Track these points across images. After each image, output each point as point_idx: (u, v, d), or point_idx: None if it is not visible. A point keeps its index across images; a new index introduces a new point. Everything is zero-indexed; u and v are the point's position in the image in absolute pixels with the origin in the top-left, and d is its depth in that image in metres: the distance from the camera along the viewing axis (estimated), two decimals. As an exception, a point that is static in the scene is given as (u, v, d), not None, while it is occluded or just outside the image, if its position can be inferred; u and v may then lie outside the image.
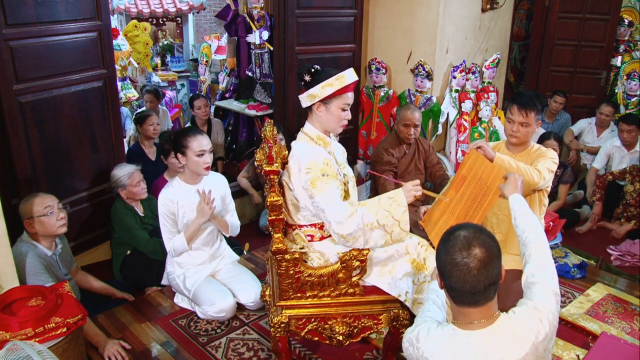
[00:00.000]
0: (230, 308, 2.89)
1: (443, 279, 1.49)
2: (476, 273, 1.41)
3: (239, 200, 4.28)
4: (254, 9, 4.56)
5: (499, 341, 1.43)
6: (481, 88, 4.81)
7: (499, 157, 2.32)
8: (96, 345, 2.60)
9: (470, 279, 1.41)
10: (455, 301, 1.48)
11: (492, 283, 1.44)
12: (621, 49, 5.75)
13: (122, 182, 3.30)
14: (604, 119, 5.08)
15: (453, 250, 1.44)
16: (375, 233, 2.18)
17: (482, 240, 1.43)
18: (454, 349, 1.46)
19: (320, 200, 2.15)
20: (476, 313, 1.46)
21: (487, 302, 1.46)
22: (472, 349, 1.44)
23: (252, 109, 4.86)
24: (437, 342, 1.49)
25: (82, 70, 3.30)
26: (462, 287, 1.43)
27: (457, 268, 1.42)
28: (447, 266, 1.45)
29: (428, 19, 4.45)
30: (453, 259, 1.43)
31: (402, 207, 2.20)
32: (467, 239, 1.43)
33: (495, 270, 1.44)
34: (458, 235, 1.45)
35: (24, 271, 2.52)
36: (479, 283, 1.42)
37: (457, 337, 1.47)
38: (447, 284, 1.47)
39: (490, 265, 1.42)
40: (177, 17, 9.26)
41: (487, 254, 1.42)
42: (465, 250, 1.42)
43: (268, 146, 2.20)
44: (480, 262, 1.41)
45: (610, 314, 3.02)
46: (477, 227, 1.50)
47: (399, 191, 2.23)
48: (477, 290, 1.43)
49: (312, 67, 2.24)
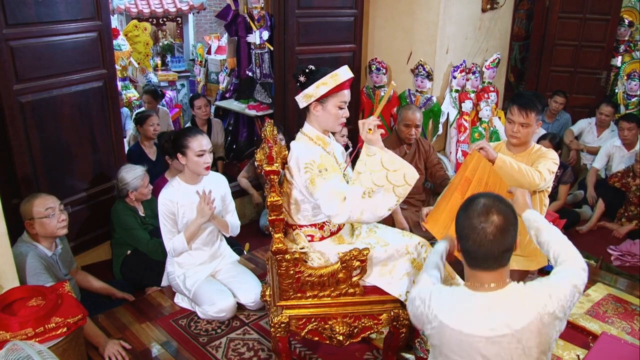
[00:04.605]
0: (231, 308, 2.89)
1: (460, 242, 1.57)
2: (492, 238, 1.49)
3: (239, 200, 4.28)
4: (254, 9, 4.55)
5: (506, 305, 1.50)
6: (481, 88, 4.81)
7: (500, 158, 2.31)
8: (96, 345, 2.60)
9: (486, 243, 1.49)
10: (470, 264, 1.56)
11: (506, 250, 1.52)
12: (621, 49, 5.75)
13: (135, 184, 3.31)
14: (604, 119, 5.08)
15: (472, 215, 1.52)
16: (377, 196, 2.09)
17: (500, 208, 1.51)
18: (463, 308, 1.54)
19: (317, 197, 2.16)
20: (488, 277, 1.54)
21: (499, 268, 1.53)
22: (480, 309, 1.51)
23: (252, 109, 4.86)
24: (448, 302, 1.57)
25: (83, 70, 3.30)
26: (477, 250, 1.51)
27: (475, 232, 1.50)
28: (465, 229, 1.53)
29: (428, 19, 4.45)
30: (471, 223, 1.51)
31: (374, 152, 2.10)
32: (486, 205, 1.51)
33: (511, 238, 1.51)
34: (478, 202, 1.53)
35: (24, 271, 2.52)
36: (494, 248, 1.49)
37: (467, 298, 1.55)
38: (464, 247, 1.56)
39: (506, 232, 1.50)
40: (177, 17, 9.26)
41: (504, 221, 1.49)
42: (483, 215, 1.50)
43: (268, 146, 2.20)
44: (496, 228, 1.48)
45: (610, 314, 3.02)
46: (496, 196, 1.58)
47: (364, 146, 2.14)
48: (492, 255, 1.50)
49: (306, 67, 2.22)
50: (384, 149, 2.13)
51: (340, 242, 2.36)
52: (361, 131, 2.14)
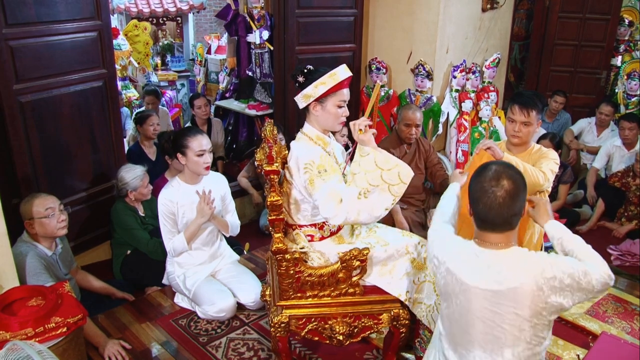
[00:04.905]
0: (230, 308, 2.89)
1: (472, 205, 1.65)
2: (501, 202, 1.57)
3: (239, 200, 4.28)
4: (254, 9, 4.55)
5: (507, 263, 1.58)
6: (481, 88, 4.81)
7: (507, 158, 2.31)
8: (96, 345, 2.60)
9: (496, 207, 1.57)
10: (479, 226, 1.65)
11: (515, 214, 1.60)
12: (621, 48, 5.74)
13: (134, 184, 3.31)
14: (604, 119, 5.08)
15: (484, 179, 1.60)
16: (373, 196, 2.10)
17: (511, 174, 1.59)
18: (470, 259, 1.64)
19: (316, 198, 2.16)
20: (495, 238, 1.62)
21: (507, 231, 1.61)
22: (482, 263, 1.61)
23: (252, 108, 4.86)
24: (457, 252, 1.68)
25: (82, 70, 3.30)
26: (487, 213, 1.60)
27: (486, 195, 1.58)
28: (477, 193, 1.61)
29: (428, 18, 4.45)
30: (483, 187, 1.59)
31: (367, 152, 2.11)
32: (498, 171, 1.59)
33: (519, 203, 1.59)
34: (490, 168, 1.62)
35: (24, 271, 2.52)
36: (503, 212, 1.57)
37: (473, 250, 1.65)
38: (475, 210, 1.64)
39: (516, 197, 1.57)
40: (177, 17, 9.26)
41: (513, 187, 1.57)
42: (494, 180, 1.58)
43: (268, 146, 2.20)
44: (506, 193, 1.56)
45: (610, 314, 3.03)
46: (507, 164, 1.68)
47: (357, 147, 2.17)
48: (500, 218, 1.58)
49: (304, 67, 2.22)
50: (377, 149, 2.13)
51: (340, 241, 2.36)
52: (353, 132, 2.15)
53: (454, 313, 1.69)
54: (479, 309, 1.60)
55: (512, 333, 1.57)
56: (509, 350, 1.59)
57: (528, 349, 1.59)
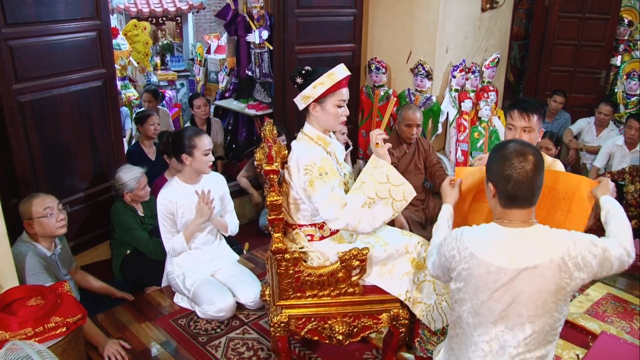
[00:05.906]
0: (230, 308, 2.89)
1: (499, 185, 1.67)
2: (532, 175, 1.62)
3: (239, 200, 4.28)
4: (254, 9, 4.55)
5: (531, 240, 1.63)
6: (481, 87, 4.81)
7: None
8: (96, 345, 2.60)
9: (527, 180, 1.62)
10: (506, 205, 1.68)
11: (540, 186, 1.66)
12: (621, 48, 5.74)
13: (130, 186, 3.31)
14: (603, 118, 5.07)
15: (510, 157, 1.64)
16: (376, 207, 2.16)
17: (532, 150, 1.66)
18: (494, 241, 1.66)
19: (315, 200, 2.16)
20: (518, 215, 1.66)
21: (530, 207, 1.66)
22: (507, 241, 1.64)
23: (252, 108, 4.86)
24: (479, 236, 1.70)
25: (82, 70, 3.30)
26: (517, 189, 1.63)
27: (516, 171, 1.62)
28: (506, 171, 1.63)
29: (428, 18, 4.45)
30: (511, 164, 1.63)
31: (382, 165, 2.19)
32: (520, 148, 1.65)
33: (542, 176, 1.66)
34: (510, 147, 1.67)
35: (23, 271, 2.52)
36: (531, 184, 1.63)
37: (497, 231, 1.68)
38: (503, 189, 1.66)
39: (540, 170, 1.64)
40: (176, 17, 9.26)
41: (539, 159, 1.65)
42: (521, 156, 1.63)
43: (268, 146, 2.20)
44: (534, 166, 1.62)
45: (610, 314, 3.03)
46: (522, 140, 1.77)
47: (372, 158, 2.23)
48: (529, 192, 1.64)
49: (302, 68, 2.23)
50: (390, 165, 2.20)
51: (340, 241, 2.36)
52: (371, 144, 2.24)
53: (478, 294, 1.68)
54: (505, 288, 1.62)
55: (535, 309, 1.61)
56: (529, 326, 1.63)
57: (548, 324, 1.64)
